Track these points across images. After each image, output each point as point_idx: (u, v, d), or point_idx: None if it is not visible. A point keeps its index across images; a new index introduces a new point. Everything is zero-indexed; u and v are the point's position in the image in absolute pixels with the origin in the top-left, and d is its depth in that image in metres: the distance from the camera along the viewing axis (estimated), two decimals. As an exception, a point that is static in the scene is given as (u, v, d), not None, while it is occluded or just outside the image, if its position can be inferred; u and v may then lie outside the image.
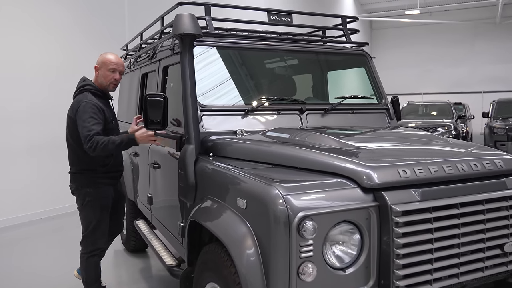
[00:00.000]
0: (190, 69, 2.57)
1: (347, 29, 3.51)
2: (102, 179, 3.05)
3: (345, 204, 1.72)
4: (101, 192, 3.05)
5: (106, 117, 3.00)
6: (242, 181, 1.95)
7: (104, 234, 3.10)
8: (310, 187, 1.76)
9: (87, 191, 3.01)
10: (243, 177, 1.96)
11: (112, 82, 3.08)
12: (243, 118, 2.85)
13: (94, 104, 2.92)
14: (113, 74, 3.06)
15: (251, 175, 1.93)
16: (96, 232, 3.06)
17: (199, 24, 2.66)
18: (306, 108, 3.01)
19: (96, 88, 3.05)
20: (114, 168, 3.15)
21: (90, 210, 3.03)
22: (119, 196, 3.34)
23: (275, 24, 3.25)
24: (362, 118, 3.26)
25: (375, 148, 2.18)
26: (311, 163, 2.00)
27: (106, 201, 3.08)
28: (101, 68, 3.06)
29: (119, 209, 3.39)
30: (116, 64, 3.06)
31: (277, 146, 2.30)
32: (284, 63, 3.35)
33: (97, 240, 3.08)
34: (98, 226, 3.05)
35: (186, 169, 2.45)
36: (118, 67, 3.08)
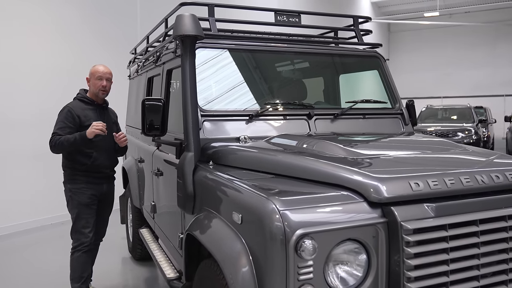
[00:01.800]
0: (190, 72, 2.42)
1: (359, 30, 3.34)
2: (81, 177, 3.31)
3: (350, 220, 1.55)
4: (79, 189, 3.30)
5: (81, 120, 3.24)
6: (238, 193, 1.79)
7: (83, 229, 3.27)
8: (311, 201, 1.59)
9: (68, 187, 3.34)
10: (239, 188, 1.81)
11: (101, 89, 3.36)
12: (247, 123, 2.70)
13: (70, 110, 3.25)
14: (100, 81, 3.34)
15: (247, 187, 1.77)
16: (76, 226, 3.29)
17: (203, 26, 2.52)
18: (314, 113, 2.84)
19: (83, 95, 3.38)
20: (94, 169, 3.34)
21: (70, 205, 3.32)
22: (104, 197, 3.49)
23: (283, 25, 3.10)
24: (375, 123, 3.07)
25: (385, 157, 2.00)
26: (314, 174, 1.83)
27: (84, 198, 3.29)
28: (91, 79, 3.38)
29: (102, 208, 3.52)
30: (102, 72, 3.36)
31: (279, 154, 2.13)
32: (292, 66, 3.19)
33: (79, 236, 3.28)
34: (77, 221, 3.29)
35: (185, 178, 2.31)
36: (104, 75, 3.36)
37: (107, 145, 3.41)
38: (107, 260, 4.61)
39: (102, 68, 3.39)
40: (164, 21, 3.36)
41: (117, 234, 5.46)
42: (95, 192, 3.38)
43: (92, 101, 3.38)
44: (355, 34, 3.33)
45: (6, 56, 5.77)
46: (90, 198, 3.33)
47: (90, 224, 3.31)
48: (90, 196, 3.33)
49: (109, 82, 3.41)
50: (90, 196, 3.33)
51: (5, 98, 5.76)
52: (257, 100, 2.92)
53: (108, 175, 3.51)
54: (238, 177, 1.96)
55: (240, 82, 2.91)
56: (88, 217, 3.31)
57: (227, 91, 2.84)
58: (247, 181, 1.89)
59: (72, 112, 3.24)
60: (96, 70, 3.37)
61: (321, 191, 1.69)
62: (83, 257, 3.27)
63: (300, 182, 1.86)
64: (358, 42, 3.30)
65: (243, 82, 2.94)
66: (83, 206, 3.29)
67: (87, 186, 3.32)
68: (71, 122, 3.21)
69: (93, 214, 3.35)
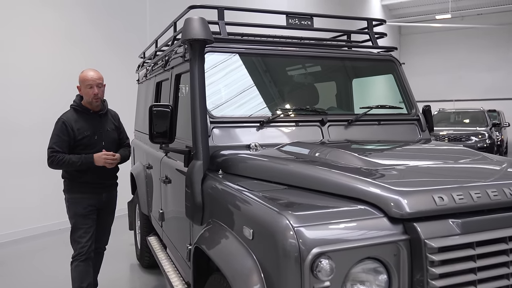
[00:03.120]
0: (199, 77, 2.33)
1: (374, 33, 3.23)
2: (78, 188, 3.24)
3: (369, 237, 1.44)
4: (76, 199, 3.24)
5: (75, 134, 3.15)
6: (249, 206, 1.69)
7: (80, 238, 3.20)
8: (327, 216, 1.49)
9: (66, 197, 3.30)
10: (250, 201, 1.71)
11: (93, 98, 3.18)
12: (258, 130, 2.60)
13: (64, 122, 3.14)
14: (91, 89, 3.16)
15: (259, 199, 1.67)
16: (74, 236, 3.23)
17: (212, 29, 2.44)
18: (327, 119, 2.74)
19: (77, 104, 3.25)
20: (92, 180, 3.26)
21: (68, 214, 3.27)
22: (105, 206, 3.42)
23: (295, 28, 3.01)
24: (390, 130, 2.96)
25: (404, 168, 1.88)
26: (329, 185, 1.73)
27: (80, 208, 3.22)
28: (81, 87, 3.21)
29: (103, 217, 3.45)
30: (91, 80, 3.15)
31: (292, 164, 2.03)
32: (303, 70, 3.09)
33: (77, 245, 3.21)
34: (75, 231, 3.23)
35: (193, 187, 2.21)
36: (94, 82, 3.16)
37: None
38: (115, 267, 4.54)
39: (91, 74, 3.18)
40: (172, 25, 3.28)
41: (125, 240, 5.40)
42: (93, 202, 3.30)
43: (87, 110, 3.25)
44: (369, 37, 3.22)
45: (15, 60, 5.75)
46: (86, 208, 3.24)
47: (87, 234, 3.22)
48: (87, 207, 3.24)
49: (101, 88, 3.23)
50: (87, 207, 3.24)
51: (14, 103, 5.74)
52: (268, 105, 2.83)
53: (107, 185, 3.42)
54: (249, 188, 1.87)
55: (250, 87, 2.82)
56: (85, 227, 3.22)
57: (237, 96, 2.75)
58: (259, 192, 1.79)
59: (66, 124, 3.14)
60: (85, 78, 3.16)
61: (337, 205, 1.58)
62: (81, 266, 3.18)
63: (314, 194, 1.75)
64: (372, 46, 3.19)
65: (254, 87, 2.84)
66: (79, 216, 3.22)
67: (83, 196, 3.24)
68: (65, 135, 3.13)
69: (91, 224, 3.26)
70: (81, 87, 3.21)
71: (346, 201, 1.62)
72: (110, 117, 3.45)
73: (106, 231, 3.57)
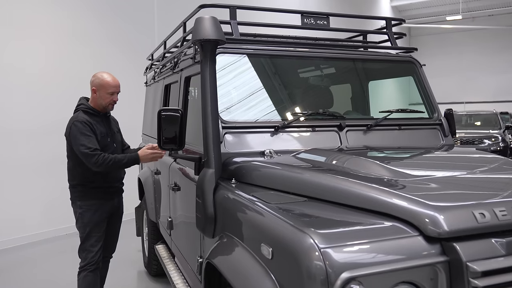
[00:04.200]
0: (211, 79, 2.19)
1: (393, 33, 3.07)
2: (92, 194, 3.11)
3: (404, 259, 1.29)
4: (91, 206, 3.10)
5: (96, 134, 3.03)
6: (267, 221, 1.55)
7: (92, 247, 3.10)
8: (356, 235, 1.34)
9: (77, 204, 3.12)
10: (268, 215, 1.56)
11: (111, 104, 3.15)
12: (272, 136, 2.46)
13: (82, 121, 2.99)
14: (112, 96, 3.12)
15: (278, 214, 1.53)
16: (85, 245, 3.11)
17: (224, 29, 2.30)
18: (346, 124, 2.59)
19: (88, 106, 3.12)
20: (105, 184, 3.16)
21: (80, 223, 3.11)
22: (115, 211, 3.32)
23: (310, 28, 2.86)
24: (411, 135, 2.80)
25: (436, 179, 1.72)
26: (355, 199, 1.57)
27: (95, 215, 3.10)
28: (100, 91, 3.10)
29: (113, 223, 3.34)
30: (114, 87, 3.12)
31: (313, 173, 1.87)
32: (320, 72, 2.94)
33: (86, 254, 3.09)
34: (87, 239, 3.10)
35: (204, 197, 2.07)
36: (116, 89, 3.14)
37: None
38: (122, 274, 4.42)
39: (112, 80, 3.09)
40: (182, 25, 3.15)
41: (133, 246, 5.28)
42: (107, 208, 3.19)
43: (98, 112, 3.14)
44: (388, 37, 3.07)
45: (21, 61, 5.67)
46: (101, 215, 3.13)
47: (98, 243, 3.12)
48: (102, 214, 3.14)
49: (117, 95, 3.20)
50: (102, 214, 3.14)
51: (22, 106, 5.66)
52: (283, 110, 2.69)
53: (118, 188, 3.33)
54: (266, 200, 1.72)
55: (264, 90, 2.68)
56: (98, 235, 3.12)
57: (250, 100, 2.61)
58: (277, 205, 1.64)
59: (87, 123, 3.00)
60: (108, 84, 3.07)
61: (366, 222, 1.43)
62: (90, 276, 3.07)
63: (337, 208, 1.60)
64: (392, 46, 3.03)
65: (268, 91, 2.70)
66: (95, 224, 3.10)
67: (98, 203, 3.12)
68: (91, 133, 2.98)
69: (102, 232, 3.16)
70: (99, 91, 3.08)
71: (374, 217, 1.46)
72: (112, 120, 3.36)
73: (115, 238, 3.45)
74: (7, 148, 5.53)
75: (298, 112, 2.58)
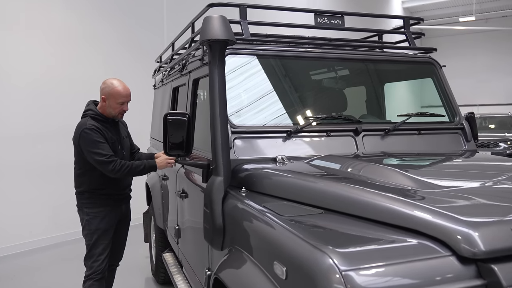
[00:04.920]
0: (219, 81, 2.06)
1: (411, 33, 2.92)
2: (101, 201, 3.02)
3: (435, 282, 1.14)
4: (98, 213, 3.01)
5: (107, 140, 2.93)
6: (280, 237, 1.41)
7: (99, 256, 3.00)
8: (381, 254, 1.20)
9: (84, 211, 3.03)
10: (281, 230, 1.43)
11: (121, 113, 3.05)
12: (285, 141, 2.33)
13: (93, 128, 2.89)
14: (122, 106, 3.01)
15: (293, 229, 1.39)
16: (91, 253, 3.01)
17: (233, 29, 2.17)
18: (362, 129, 2.44)
19: (96, 113, 3.00)
20: (114, 190, 3.07)
21: (87, 230, 3.02)
22: (122, 217, 3.22)
23: (324, 27, 2.73)
24: (431, 140, 2.65)
25: (465, 189, 1.57)
26: (378, 212, 1.43)
27: (103, 223, 3.02)
28: (109, 100, 2.98)
29: (120, 229, 3.24)
30: (125, 97, 3.01)
31: (330, 183, 1.72)
32: (334, 74, 2.80)
33: (93, 263, 2.99)
34: (94, 247, 3.00)
35: (213, 207, 1.94)
36: (127, 99, 3.03)
37: None
38: (129, 281, 4.32)
39: (123, 89, 2.96)
40: (190, 26, 3.04)
41: (140, 253, 5.18)
42: (115, 215, 3.09)
43: (106, 119, 3.03)
44: (406, 37, 2.92)
45: (31, 65, 5.61)
46: (109, 222, 3.03)
47: (105, 251, 3.02)
48: (109, 221, 3.04)
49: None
50: (109, 221, 3.04)
51: (29, 110, 5.59)
52: (295, 113, 2.55)
53: (126, 195, 3.23)
54: (279, 212, 1.58)
55: (275, 93, 2.55)
56: (105, 243, 3.01)
57: (261, 103, 2.48)
58: (291, 218, 1.50)
59: (96, 129, 2.89)
60: (119, 94, 2.94)
61: (390, 239, 1.28)
62: (96, 285, 2.96)
63: (358, 222, 1.46)
64: (410, 47, 2.88)
65: (279, 93, 2.57)
66: (102, 231, 3.00)
67: (106, 210, 3.02)
68: (103, 139, 2.89)
69: (109, 240, 3.05)
70: (109, 100, 2.96)
71: (399, 233, 1.32)
72: (121, 124, 3.25)
73: (122, 246, 3.35)
74: (14, 152, 5.47)
75: (312, 116, 2.44)
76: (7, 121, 5.39)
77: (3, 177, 5.36)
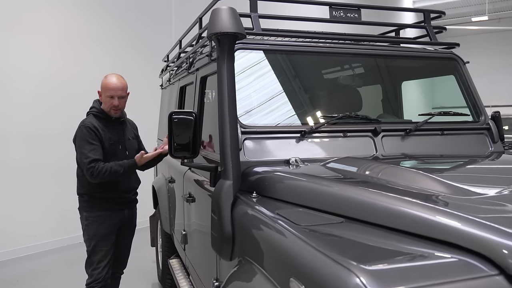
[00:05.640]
0: (228, 78, 1.90)
1: (432, 27, 2.75)
2: (99, 205, 2.89)
3: None
4: (97, 218, 2.89)
5: (103, 140, 2.81)
6: (298, 250, 1.25)
7: (99, 263, 2.86)
8: (415, 273, 1.03)
9: (84, 215, 2.94)
10: (299, 243, 1.26)
11: (112, 108, 2.88)
12: (298, 142, 2.17)
13: (89, 126, 2.79)
14: (111, 100, 2.85)
15: (311, 241, 1.23)
16: (91, 260, 2.88)
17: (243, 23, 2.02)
18: (381, 129, 2.28)
19: (99, 110, 2.92)
20: (114, 195, 2.92)
21: (86, 235, 2.91)
22: (125, 223, 3.07)
23: (340, 21, 2.56)
24: (455, 141, 2.47)
25: (506, 197, 1.40)
26: (409, 223, 1.26)
27: (102, 228, 2.88)
28: (102, 94, 2.90)
29: (123, 236, 3.10)
30: (113, 90, 2.84)
31: (352, 188, 1.55)
32: (351, 71, 2.64)
33: (93, 270, 2.86)
34: (93, 254, 2.88)
35: (221, 214, 1.79)
36: (116, 93, 2.84)
37: None
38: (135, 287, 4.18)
39: (114, 82, 2.84)
40: (198, 21, 2.89)
41: (147, 256, 5.05)
42: (116, 220, 2.95)
43: (109, 117, 2.93)
44: (427, 31, 2.75)
45: (39, 66, 5.53)
46: (108, 228, 2.90)
47: (106, 258, 2.88)
48: (109, 226, 2.90)
49: (122, 99, 2.92)
50: (109, 226, 2.90)
51: (37, 111, 5.50)
52: (309, 112, 2.40)
53: (129, 199, 3.07)
54: (295, 221, 1.42)
55: (288, 90, 2.39)
56: (105, 249, 2.88)
57: (273, 102, 2.32)
58: (309, 228, 1.34)
59: (93, 129, 2.80)
60: (107, 87, 2.83)
61: (426, 255, 1.11)
62: None
63: (385, 233, 1.29)
64: (431, 42, 2.71)
65: (292, 91, 2.41)
66: (101, 237, 2.87)
67: (106, 214, 2.89)
68: (96, 141, 2.80)
69: (110, 246, 2.92)
70: (102, 94, 2.90)
71: (434, 247, 1.15)
72: (129, 125, 3.10)
73: (126, 252, 3.20)
74: (22, 154, 5.39)
75: (327, 115, 2.27)
76: (15, 122, 5.33)
77: (8, 179, 5.27)
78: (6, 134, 5.26)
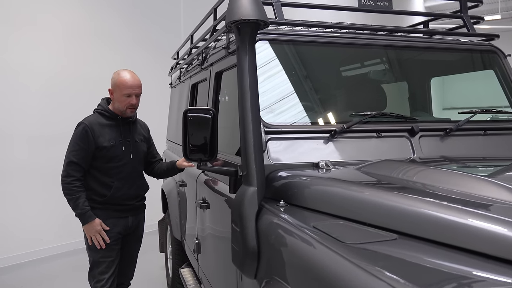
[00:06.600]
0: (250, 71, 1.67)
1: (469, 17, 2.51)
2: (99, 211, 2.66)
3: None
4: None
5: (97, 142, 2.62)
6: (344, 273, 1.01)
7: (101, 275, 2.65)
8: None
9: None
10: (348, 266, 1.03)
11: (129, 107, 2.68)
12: (327, 143, 1.93)
13: (85, 127, 2.63)
14: (128, 99, 2.66)
15: (366, 266, 0.99)
16: (93, 272, 2.68)
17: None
18: (419, 128, 2.04)
19: (104, 108, 2.74)
20: (115, 202, 2.70)
21: (88, 245, 2.71)
22: (131, 231, 2.85)
23: (369, 10, 2.33)
24: (498, 142, 2.22)
25: None
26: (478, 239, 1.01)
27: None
28: (115, 92, 2.68)
29: (129, 245, 2.89)
30: (131, 88, 2.64)
31: (402, 198, 1.31)
32: (383, 66, 2.40)
33: (96, 283, 2.67)
34: (95, 265, 2.68)
35: (243, 224, 1.56)
36: (134, 90, 2.66)
37: (133, 170, 2.76)
38: (143, 297, 3.97)
39: (130, 80, 2.65)
40: (212, 12, 2.67)
41: (155, 263, 4.85)
42: (119, 228, 2.73)
43: (115, 116, 2.72)
44: (464, 22, 2.50)
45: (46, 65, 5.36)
46: (111, 237, 2.67)
47: (109, 269, 2.66)
48: (111, 235, 2.68)
49: (138, 98, 2.72)
50: (111, 235, 2.68)
51: (42, 112, 5.32)
52: (338, 110, 2.16)
53: (134, 206, 2.82)
54: (338, 237, 1.19)
55: (315, 85, 2.16)
56: (108, 260, 2.66)
57: (298, 98, 2.09)
58: (357, 246, 1.11)
59: (88, 130, 2.63)
60: (124, 84, 2.63)
61: (502, 282, 0.88)
62: None
63: (452, 254, 1.05)
64: (469, 33, 2.46)
65: (320, 86, 2.18)
66: (102, 247, 2.64)
67: (107, 222, 2.67)
68: (85, 143, 2.61)
69: (114, 257, 2.70)
70: (115, 92, 2.68)
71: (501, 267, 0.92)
72: (139, 126, 2.88)
73: (132, 262, 2.98)
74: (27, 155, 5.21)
75: (360, 113, 2.03)
76: (21, 122, 5.17)
77: (12, 181, 5.09)
78: (12, 134, 5.09)
